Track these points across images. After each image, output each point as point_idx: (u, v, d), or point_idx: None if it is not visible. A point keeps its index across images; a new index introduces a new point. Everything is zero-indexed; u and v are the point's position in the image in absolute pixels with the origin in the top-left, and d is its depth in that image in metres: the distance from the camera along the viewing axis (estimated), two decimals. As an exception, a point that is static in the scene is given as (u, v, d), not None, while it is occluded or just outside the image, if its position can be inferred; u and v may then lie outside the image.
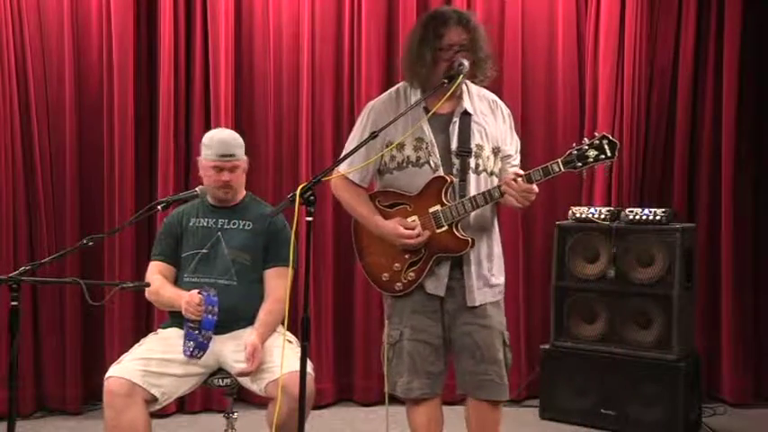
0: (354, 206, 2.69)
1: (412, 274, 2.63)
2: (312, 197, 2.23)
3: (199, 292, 2.80)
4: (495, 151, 2.66)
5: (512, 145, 2.73)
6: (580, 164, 2.47)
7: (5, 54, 4.01)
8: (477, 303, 2.62)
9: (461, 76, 2.53)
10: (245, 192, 3.10)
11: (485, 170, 2.63)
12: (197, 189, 2.91)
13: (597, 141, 2.47)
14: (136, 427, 2.62)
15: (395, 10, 4.36)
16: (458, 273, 2.63)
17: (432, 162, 2.60)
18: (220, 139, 2.98)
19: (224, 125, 4.10)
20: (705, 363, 4.19)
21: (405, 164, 2.62)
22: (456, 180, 2.59)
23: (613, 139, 2.47)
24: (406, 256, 2.63)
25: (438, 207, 2.58)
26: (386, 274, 2.67)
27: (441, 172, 2.59)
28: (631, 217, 3.91)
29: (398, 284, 2.65)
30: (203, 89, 4.23)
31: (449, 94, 2.52)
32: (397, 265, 2.64)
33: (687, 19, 4.35)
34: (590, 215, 4.00)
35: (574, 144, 2.53)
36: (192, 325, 2.77)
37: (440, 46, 2.57)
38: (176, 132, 4.20)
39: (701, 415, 3.99)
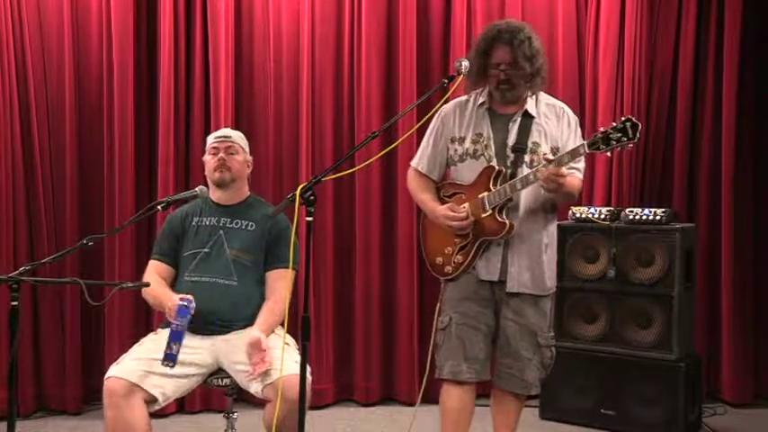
0: (416, 192, 2.98)
1: (460, 257, 2.83)
2: (312, 197, 2.30)
3: (181, 299, 2.74)
4: (554, 151, 2.78)
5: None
6: (603, 146, 2.58)
7: (5, 54, 4.01)
8: (515, 290, 2.79)
9: (461, 76, 2.70)
10: (248, 192, 3.10)
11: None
12: (197, 189, 2.89)
13: (621, 125, 2.55)
14: (136, 428, 2.61)
15: (395, 11, 4.36)
16: (506, 261, 2.80)
17: (486, 154, 2.81)
18: (220, 130, 3.14)
19: (224, 125, 4.10)
20: (705, 363, 4.19)
21: (465, 156, 2.85)
22: (508, 171, 2.76)
23: (636, 122, 2.55)
24: (456, 240, 2.85)
25: (486, 193, 2.77)
26: (439, 258, 2.90)
27: (494, 163, 2.78)
28: (631, 217, 3.91)
29: (448, 267, 2.86)
30: (203, 89, 4.23)
31: (449, 93, 2.71)
32: (448, 248, 2.87)
33: (687, 19, 4.34)
34: (590, 215, 4.00)
35: (600, 128, 2.64)
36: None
37: (488, 62, 2.79)
38: (176, 132, 4.20)
39: (701, 415, 3.99)
